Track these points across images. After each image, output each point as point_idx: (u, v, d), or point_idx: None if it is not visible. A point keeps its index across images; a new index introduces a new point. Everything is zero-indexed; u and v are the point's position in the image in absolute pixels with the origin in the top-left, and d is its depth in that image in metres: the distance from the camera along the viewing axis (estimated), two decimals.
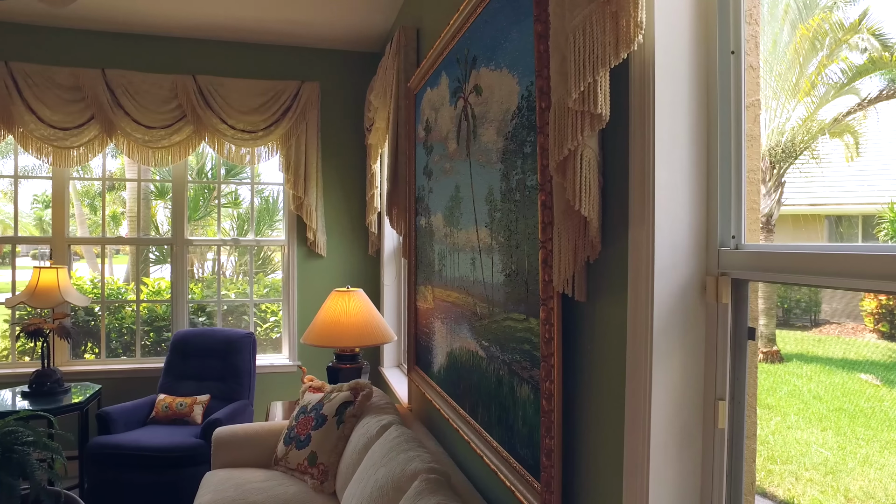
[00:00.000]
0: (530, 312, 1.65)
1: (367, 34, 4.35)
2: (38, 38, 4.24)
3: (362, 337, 3.26)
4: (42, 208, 7.66)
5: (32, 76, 4.11)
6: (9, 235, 4.64)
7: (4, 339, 5.20)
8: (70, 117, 4.19)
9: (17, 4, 3.81)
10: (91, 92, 4.16)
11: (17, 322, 4.45)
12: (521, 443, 1.71)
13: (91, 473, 3.51)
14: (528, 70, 1.63)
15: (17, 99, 4.08)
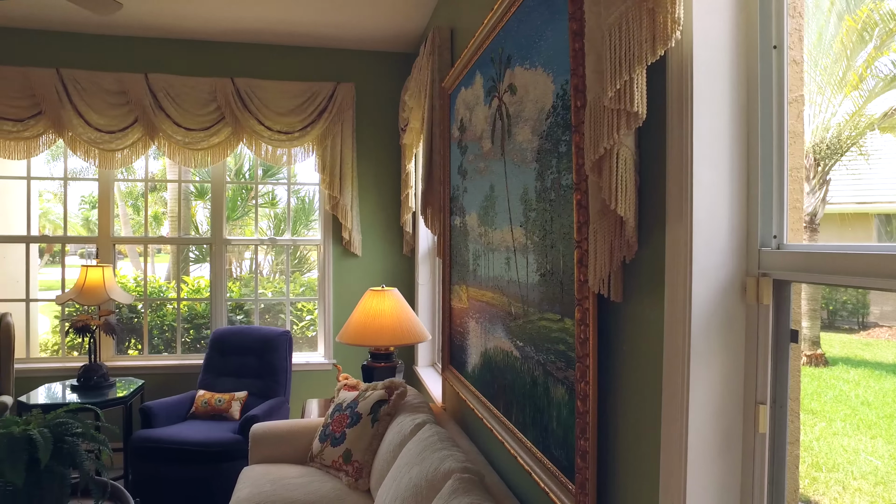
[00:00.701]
0: (565, 313, 1.63)
1: (402, 35, 4.37)
2: (86, 45, 4.39)
3: (397, 336, 3.28)
4: (89, 209, 7.92)
5: (81, 82, 4.26)
6: (59, 235, 4.81)
7: (55, 335, 5.40)
8: (115, 121, 4.32)
9: (66, 14, 3.95)
10: (135, 96, 4.29)
11: (66, 318, 4.62)
12: (556, 444, 1.70)
13: (135, 465, 3.61)
14: (563, 68, 1.62)
15: (66, 104, 4.23)
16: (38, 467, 2.30)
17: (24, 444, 2.29)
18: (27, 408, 3.61)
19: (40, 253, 6.27)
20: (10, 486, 2.28)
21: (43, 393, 3.91)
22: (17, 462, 2.23)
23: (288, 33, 4.37)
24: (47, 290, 5.73)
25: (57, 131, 4.30)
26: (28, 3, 3.80)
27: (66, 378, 4.29)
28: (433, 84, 3.23)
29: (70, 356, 4.80)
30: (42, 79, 4.22)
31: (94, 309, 4.18)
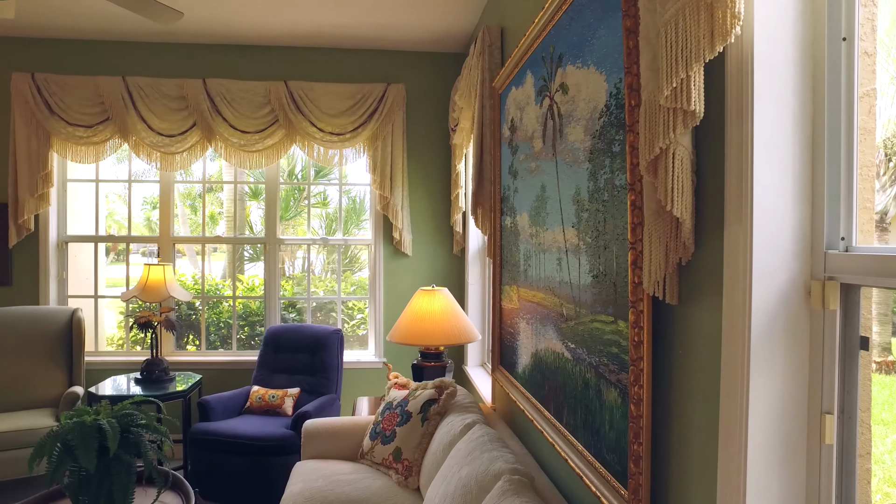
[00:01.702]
0: (619, 314, 1.60)
1: (452, 35, 4.38)
2: (149, 53, 4.58)
3: (447, 336, 3.29)
4: (150, 209, 8.24)
5: (144, 88, 4.45)
6: (123, 235, 5.03)
7: (120, 330, 5.65)
8: (175, 124, 4.50)
9: (132, 25, 4.12)
10: (193, 100, 4.45)
11: (130, 314, 4.82)
12: (608, 447, 1.67)
13: (193, 456, 3.75)
14: (617, 67, 1.59)
15: (131, 110, 4.43)
16: (107, 455, 2.42)
17: (94, 432, 2.41)
18: (96, 398, 3.80)
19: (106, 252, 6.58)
20: (84, 471, 2.40)
21: (110, 385, 4.10)
22: (89, 449, 2.35)
23: (339, 36, 4.44)
24: (113, 287, 6.00)
25: (122, 136, 4.50)
26: (97, 15, 3.99)
27: (130, 371, 4.48)
28: (483, 84, 3.22)
29: (133, 350, 5.02)
30: (109, 86, 4.42)
31: (156, 306, 4.35)
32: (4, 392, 4.00)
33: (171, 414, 4.31)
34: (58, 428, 2.47)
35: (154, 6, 2.94)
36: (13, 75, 4.45)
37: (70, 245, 4.79)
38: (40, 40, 4.55)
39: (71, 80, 4.46)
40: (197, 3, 3.82)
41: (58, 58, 4.55)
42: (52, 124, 4.43)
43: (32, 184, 4.44)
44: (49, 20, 4.18)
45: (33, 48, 4.55)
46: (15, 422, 3.72)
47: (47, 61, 4.54)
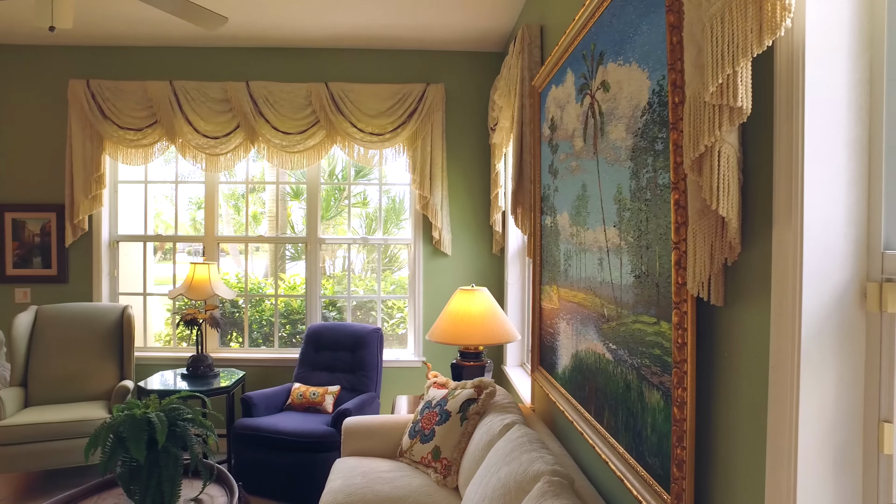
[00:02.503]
0: (661, 316, 1.57)
1: (491, 34, 4.37)
2: (194, 57, 4.71)
3: (486, 335, 3.29)
4: (195, 209, 8.46)
5: (190, 91, 4.57)
6: (170, 235, 5.18)
7: (167, 326, 5.82)
8: (219, 127, 4.61)
9: (178, 30, 4.24)
10: (237, 103, 4.55)
11: (177, 312, 4.97)
12: (650, 451, 1.64)
13: (237, 451, 3.83)
14: (660, 63, 1.56)
15: (178, 113, 4.56)
16: (156, 447, 2.50)
17: (144, 425, 2.50)
18: (145, 392, 3.92)
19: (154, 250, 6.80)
20: (135, 462, 2.49)
21: (157, 380, 4.23)
22: (140, 441, 2.44)
23: (379, 37, 4.48)
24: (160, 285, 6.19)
25: (169, 138, 4.64)
26: (146, 22, 4.12)
27: (177, 367, 4.62)
28: (523, 83, 3.20)
29: (179, 347, 5.16)
30: (157, 91, 4.57)
31: (201, 303, 4.47)
32: (63, 384, 4.17)
33: (216, 409, 4.44)
34: (110, 420, 2.56)
35: (200, 12, 3.02)
36: (70, 82, 4.64)
37: (121, 244, 4.96)
38: (94, 48, 4.73)
39: (122, 85, 4.62)
40: (240, 8, 3.91)
41: (110, 64, 4.72)
42: (105, 128, 4.60)
43: (87, 186, 4.62)
44: (102, 28, 4.34)
45: (88, 56, 4.73)
46: (72, 412, 3.88)
47: (101, 68, 4.71)
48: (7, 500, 3.75)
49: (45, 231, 4.76)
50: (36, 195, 4.77)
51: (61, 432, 3.75)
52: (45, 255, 4.77)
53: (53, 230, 4.75)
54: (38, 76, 4.75)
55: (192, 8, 2.98)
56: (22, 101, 4.77)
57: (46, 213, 4.75)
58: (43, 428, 3.73)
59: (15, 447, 3.69)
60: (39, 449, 3.72)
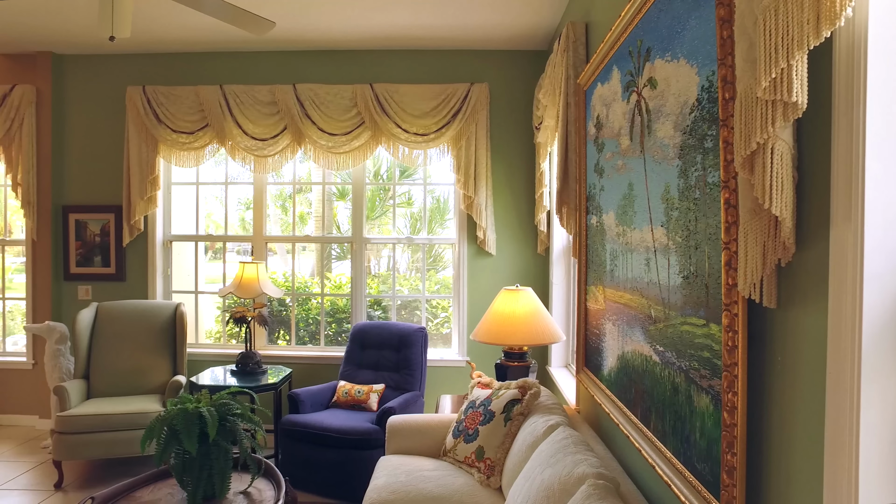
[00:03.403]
0: (711, 317, 1.53)
1: (535, 32, 4.34)
2: (243, 62, 4.83)
3: (531, 336, 3.27)
4: (244, 210, 8.66)
5: (239, 95, 4.70)
6: (220, 234, 5.34)
7: (217, 324, 6.00)
8: (267, 129, 4.72)
9: (228, 36, 4.36)
10: (284, 105, 4.65)
11: (227, 309, 5.10)
12: (699, 456, 1.60)
13: (284, 446, 3.91)
14: (709, 59, 1.52)
15: (228, 116, 4.69)
16: (207, 440, 2.58)
17: (196, 419, 2.57)
18: (197, 388, 4.05)
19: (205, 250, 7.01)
20: (187, 454, 2.57)
21: (208, 375, 4.36)
22: (192, 434, 2.52)
23: (423, 37, 4.50)
24: (211, 283, 6.37)
25: (220, 141, 4.78)
26: (198, 29, 4.25)
27: (226, 363, 4.75)
28: (568, 81, 3.17)
29: (229, 344, 5.31)
30: (208, 95, 4.70)
31: (250, 302, 4.58)
32: (121, 378, 4.35)
33: (264, 405, 4.55)
34: (164, 413, 2.66)
35: (248, 17, 3.10)
36: (128, 89, 4.83)
37: (174, 244, 5.13)
38: (149, 55, 4.90)
39: (175, 90, 4.78)
40: (287, 13, 3.99)
41: (164, 70, 4.89)
42: (159, 132, 4.77)
43: (142, 187, 4.80)
44: (157, 36, 4.49)
45: (144, 63, 4.91)
46: (129, 405, 4.04)
47: (155, 74, 4.89)
48: (72, 485, 3.94)
49: (105, 231, 4.96)
50: (96, 197, 4.99)
51: (120, 423, 3.91)
52: (104, 254, 4.98)
53: (112, 230, 4.96)
54: (99, 84, 4.96)
55: (241, 14, 3.06)
56: (84, 109, 4.99)
57: (106, 214, 4.96)
58: (103, 419, 3.90)
59: (79, 436, 3.87)
60: (100, 438, 3.89)
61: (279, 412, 4.30)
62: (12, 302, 5.49)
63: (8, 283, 5.66)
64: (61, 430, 3.86)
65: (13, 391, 5.13)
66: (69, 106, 5.01)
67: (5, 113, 4.85)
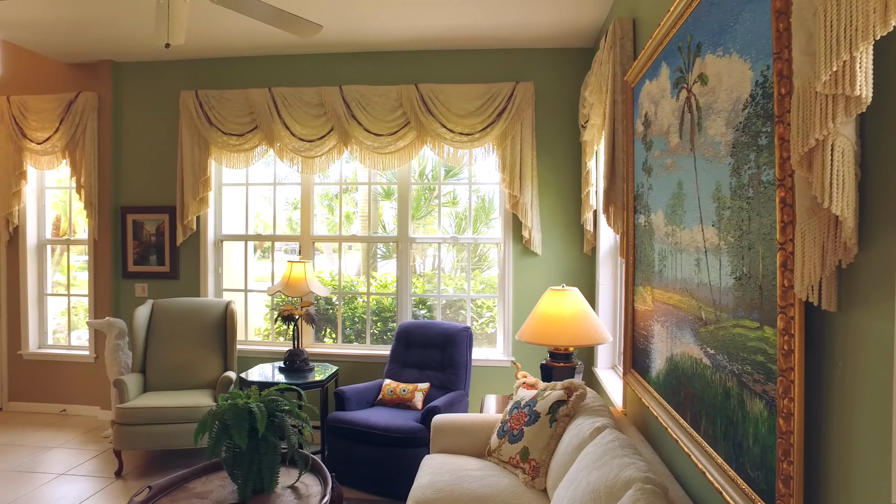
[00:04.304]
0: (765, 320, 1.48)
1: (581, 29, 4.28)
2: (291, 65, 4.93)
3: (577, 336, 3.23)
4: (291, 210, 8.83)
5: (287, 97, 4.79)
6: (269, 234, 5.46)
7: (266, 321, 6.14)
8: (314, 130, 4.80)
9: (276, 40, 4.46)
10: (331, 107, 4.72)
11: (275, 307, 5.22)
12: (752, 463, 1.55)
13: (330, 443, 3.97)
14: (764, 53, 1.47)
15: (276, 118, 4.79)
16: (256, 435, 2.64)
17: (246, 414, 2.64)
18: (246, 384, 4.15)
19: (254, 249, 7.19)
20: (237, 448, 2.64)
21: (257, 372, 4.46)
22: (242, 429, 2.58)
23: (467, 37, 4.50)
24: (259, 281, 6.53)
25: (268, 142, 4.89)
26: (248, 34, 4.35)
27: (274, 360, 4.85)
28: (615, 78, 3.12)
29: (277, 341, 5.42)
30: (257, 98, 4.82)
31: (297, 300, 4.66)
32: (175, 372, 4.50)
33: (310, 402, 4.63)
34: (216, 408, 2.73)
35: (296, 21, 3.16)
36: (181, 93, 4.99)
37: (224, 243, 5.27)
38: (201, 60, 5.05)
39: (226, 93, 4.91)
40: (334, 16, 4.05)
41: (215, 75, 5.03)
42: (211, 134, 4.91)
43: (195, 188, 4.95)
44: (208, 42, 4.63)
45: (196, 68, 5.07)
46: (183, 399, 4.18)
47: (207, 78, 5.04)
48: (131, 474, 4.10)
49: (160, 231, 5.14)
50: (152, 198, 5.17)
51: (174, 416, 4.05)
52: (159, 253, 5.16)
53: (166, 230, 5.13)
54: (154, 89, 5.15)
55: (289, 18, 3.12)
56: (140, 113, 5.18)
57: (161, 214, 5.13)
58: (159, 412, 4.04)
59: (136, 427, 4.02)
60: (156, 431, 4.03)
61: (326, 409, 4.37)
62: (76, 298, 5.75)
63: (72, 280, 5.94)
64: (120, 421, 4.02)
65: (78, 383, 5.38)
66: (127, 111, 5.21)
67: (70, 119, 5.08)
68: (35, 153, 5.20)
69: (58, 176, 5.67)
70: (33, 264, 5.47)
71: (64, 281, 6.01)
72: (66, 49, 4.88)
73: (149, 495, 2.70)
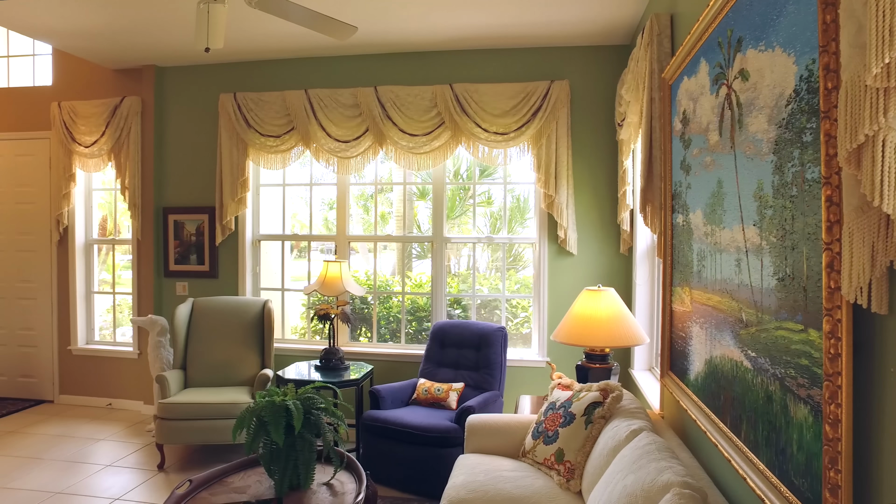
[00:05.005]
0: (809, 323, 1.44)
1: (616, 27, 4.22)
2: (327, 66, 4.99)
3: (613, 337, 3.19)
4: (327, 210, 8.93)
5: (323, 99, 4.85)
6: (305, 234, 5.53)
7: (302, 320, 6.22)
8: (350, 131, 4.85)
9: (312, 42, 4.51)
10: (366, 108, 4.76)
11: (311, 306, 5.28)
12: (796, 471, 1.51)
13: (365, 441, 4.01)
14: (809, 46, 1.42)
15: (312, 119, 4.85)
16: (293, 432, 2.68)
17: (282, 411, 2.68)
18: (283, 381, 4.22)
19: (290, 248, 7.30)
20: (274, 444, 2.68)
21: (293, 370, 4.52)
22: (279, 425, 2.62)
23: (502, 36, 4.48)
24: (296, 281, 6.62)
25: (304, 143, 4.95)
26: (284, 37, 4.42)
27: (310, 359, 4.91)
28: (652, 75, 3.06)
29: (313, 340, 5.49)
30: (294, 99, 4.89)
31: (333, 299, 4.71)
32: (214, 369, 4.60)
33: (346, 400, 4.68)
34: (253, 405, 2.78)
35: (332, 23, 3.19)
36: (220, 96, 5.10)
37: (262, 243, 5.36)
38: (239, 63, 5.15)
39: (263, 96, 5.00)
40: (369, 17, 4.07)
41: (253, 77, 5.12)
42: (249, 136, 5.00)
43: (233, 189, 5.05)
44: (246, 45, 4.71)
45: (234, 71, 5.17)
46: (222, 395, 4.27)
47: (245, 81, 5.13)
48: (173, 467, 4.21)
49: (200, 231, 5.26)
50: (192, 199, 5.29)
51: (213, 412, 4.13)
52: (199, 252, 5.28)
53: (206, 230, 5.25)
54: (194, 93, 5.27)
55: (324, 20, 3.15)
56: (181, 116, 5.31)
57: (200, 214, 5.25)
58: (199, 407, 4.14)
59: (177, 422, 4.12)
60: (196, 426, 4.13)
61: (361, 407, 4.40)
62: (121, 296, 5.94)
63: (117, 278, 6.12)
64: (162, 416, 4.13)
65: (122, 378, 5.55)
66: (169, 114, 5.34)
67: (116, 123, 5.24)
68: (83, 156, 5.38)
69: (103, 178, 5.86)
70: (81, 263, 5.66)
71: (109, 279, 6.20)
72: (112, 55, 5.03)
73: (190, 488, 2.76)
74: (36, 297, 5.74)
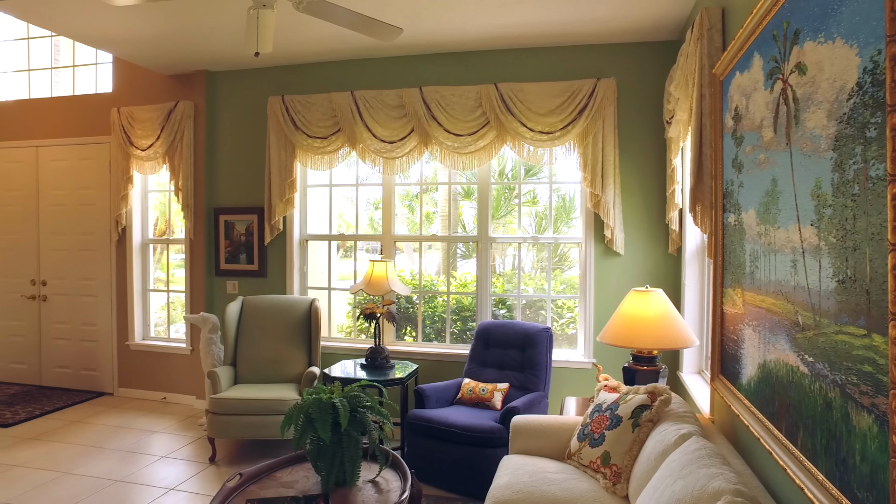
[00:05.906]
0: (873, 328, 1.37)
1: (664, 22, 4.13)
2: (372, 68, 5.04)
3: (661, 339, 3.12)
4: (373, 210, 9.02)
5: (368, 100, 4.90)
6: (351, 234, 5.61)
7: (348, 319, 6.31)
8: (395, 132, 4.88)
9: (358, 44, 4.57)
10: (411, 108, 4.78)
11: (357, 305, 5.35)
12: (859, 483, 1.44)
13: (410, 440, 4.03)
14: (874, 36, 1.36)
15: (358, 120, 4.91)
16: (339, 430, 2.72)
17: (329, 409, 2.72)
18: (329, 379, 4.28)
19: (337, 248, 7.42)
20: (321, 441, 2.73)
21: (339, 368, 4.59)
22: (326, 423, 2.67)
23: (547, 34, 4.44)
24: (342, 280, 6.72)
25: (350, 144, 5.02)
26: (330, 39, 4.49)
27: (356, 357, 4.98)
28: (702, 71, 2.98)
29: (358, 339, 5.56)
30: (340, 101, 4.96)
31: (378, 298, 4.76)
32: (263, 366, 4.71)
33: (391, 399, 4.72)
34: (301, 402, 2.83)
35: (377, 25, 3.22)
36: (269, 99, 5.22)
37: (309, 242, 5.46)
38: (287, 66, 5.26)
39: (311, 98, 5.09)
40: (414, 18, 4.10)
41: (300, 80, 5.22)
42: (297, 137, 5.10)
43: (281, 190, 5.16)
44: (294, 49, 4.80)
45: (282, 74, 5.28)
46: (270, 392, 4.37)
47: (293, 84, 5.23)
48: (224, 461, 4.34)
49: (249, 231, 5.39)
50: (242, 199, 5.43)
51: (262, 408, 4.23)
52: (248, 252, 5.41)
53: (255, 230, 5.38)
54: (244, 96, 5.41)
55: (369, 22, 3.19)
56: (231, 119, 5.46)
57: (250, 215, 5.38)
58: (248, 403, 4.24)
59: (228, 417, 4.24)
60: (246, 421, 4.23)
61: (405, 406, 4.43)
62: (174, 294, 6.14)
63: (171, 277, 6.34)
64: (213, 410, 4.25)
65: (176, 373, 5.74)
66: (219, 117, 5.50)
67: (170, 127, 5.43)
68: (140, 159, 5.59)
69: (158, 180, 6.07)
70: (138, 262, 5.89)
71: (163, 278, 6.42)
72: (166, 61, 5.20)
73: (240, 481, 2.83)
74: (97, 294, 5.99)
